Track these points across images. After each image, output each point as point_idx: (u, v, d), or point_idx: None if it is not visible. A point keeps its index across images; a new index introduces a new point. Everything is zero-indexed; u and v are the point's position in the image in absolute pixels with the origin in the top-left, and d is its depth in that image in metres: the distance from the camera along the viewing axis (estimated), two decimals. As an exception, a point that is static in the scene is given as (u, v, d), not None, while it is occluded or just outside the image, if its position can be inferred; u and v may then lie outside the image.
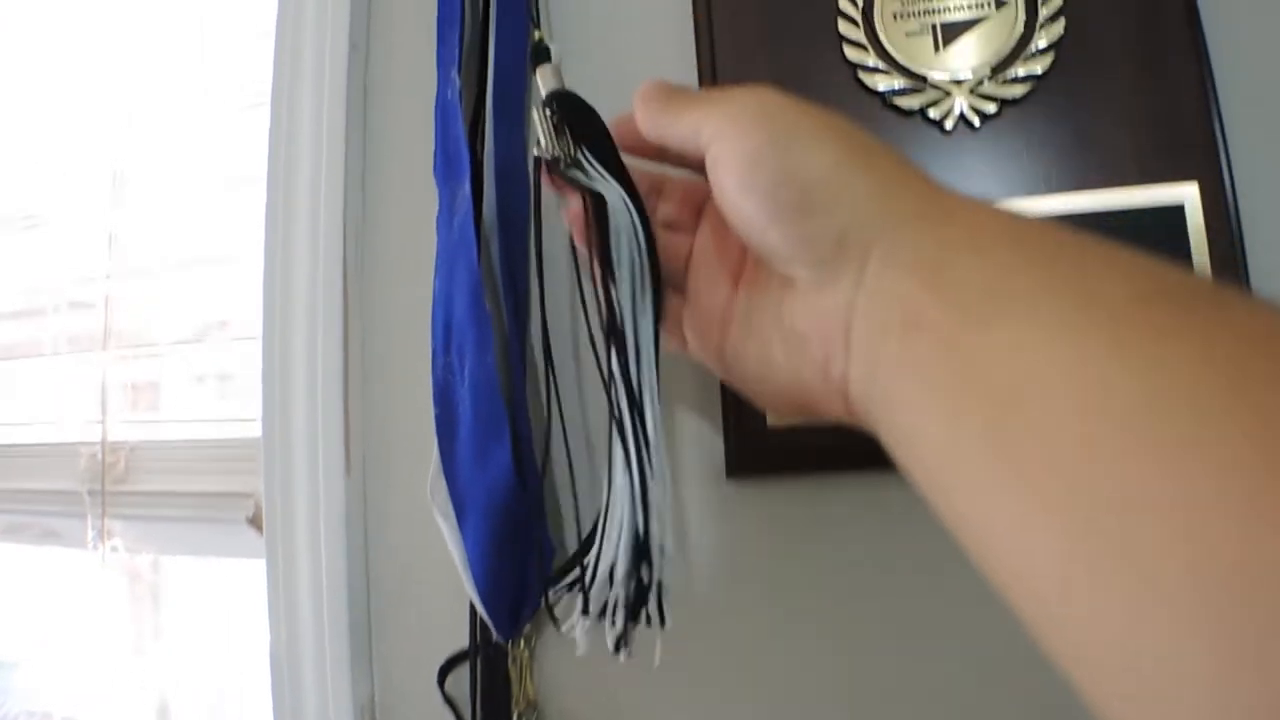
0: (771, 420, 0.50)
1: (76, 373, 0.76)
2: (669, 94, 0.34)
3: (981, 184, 0.50)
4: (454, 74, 0.54)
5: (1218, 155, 0.48)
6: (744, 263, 0.36)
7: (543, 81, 0.44)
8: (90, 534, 0.70)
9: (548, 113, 0.41)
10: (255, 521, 0.64)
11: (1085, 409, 0.19)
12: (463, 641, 0.57)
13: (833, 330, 0.27)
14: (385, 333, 0.60)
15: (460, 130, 0.53)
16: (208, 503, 0.66)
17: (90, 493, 0.70)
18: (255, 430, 0.68)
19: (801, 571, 0.52)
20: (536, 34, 0.54)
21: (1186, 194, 0.48)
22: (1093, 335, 0.20)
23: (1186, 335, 0.19)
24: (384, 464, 0.59)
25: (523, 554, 0.49)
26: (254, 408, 0.69)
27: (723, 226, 0.34)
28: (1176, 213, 0.48)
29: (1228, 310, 0.20)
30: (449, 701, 0.56)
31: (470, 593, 0.52)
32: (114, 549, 0.72)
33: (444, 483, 0.51)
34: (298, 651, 0.59)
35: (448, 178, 0.54)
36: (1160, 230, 0.48)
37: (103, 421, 0.72)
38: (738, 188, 0.29)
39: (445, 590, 0.57)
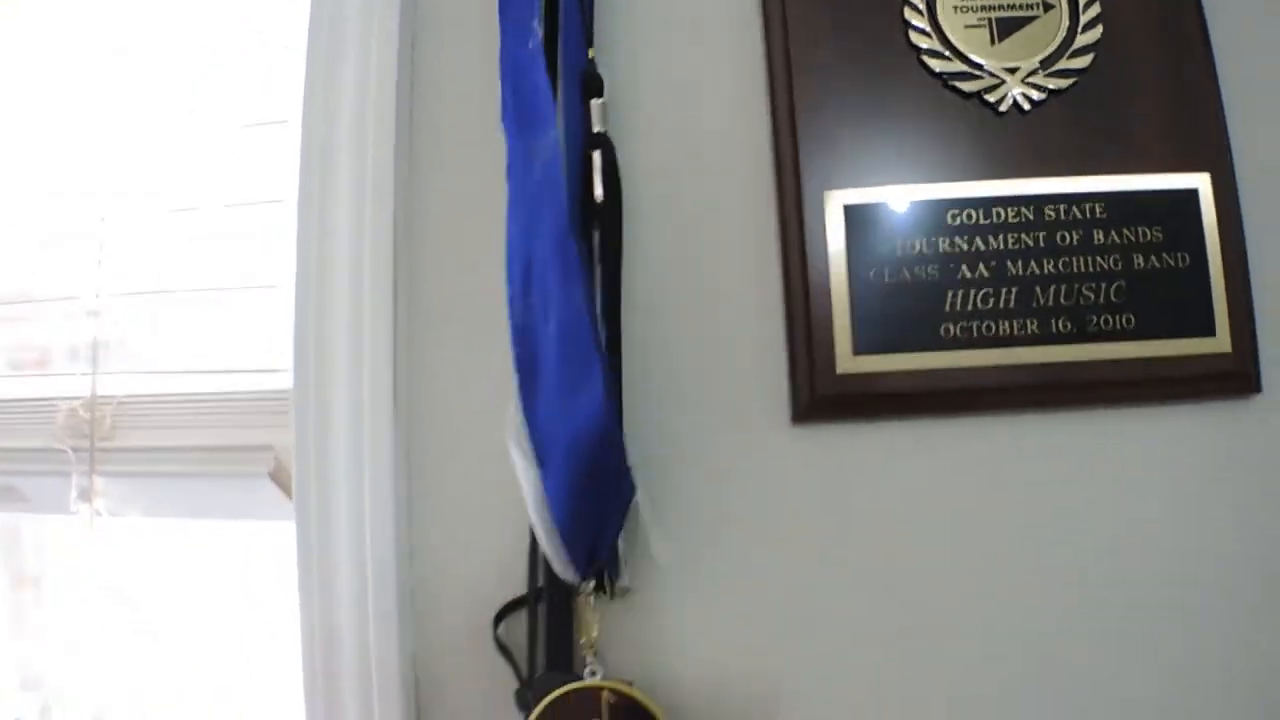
0: (842, 365, 0.53)
1: (63, 324, 0.70)
2: None
3: (1026, 161, 0.55)
4: (535, 25, 0.55)
5: (1227, 150, 0.55)
6: None
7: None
8: (74, 494, 0.65)
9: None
10: (278, 476, 0.61)
11: None
12: (509, 593, 0.56)
13: None
14: (437, 277, 0.59)
15: (545, 81, 0.54)
16: (216, 457, 0.63)
17: (75, 450, 0.65)
18: (263, 382, 0.65)
19: (868, 519, 0.55)
20: (590, 53, 0.56)
21: (1200, 182, 0.55)
22: None
23: None
24: (429, 413, 0.58)
25: (606, 492, 0.50)
26: (262, 358, 0.67)
27: None
28: (1191, 197, 0.55)
29: None
30: (503, 649, 0.55)
31: (542, 534, 0.52)
32: (98, 512, 0.67)
33: (524, 423, 0.51)
34: (332, 613, 0.57)
35: (524, 127, 0.55)
36: (1177, 212, 0.55)
37: (92, 374, 0.67)
38: None
39: (491, 541, 0.57)
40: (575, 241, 0.50)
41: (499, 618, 0.56)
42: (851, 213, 0.54)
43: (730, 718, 0.54)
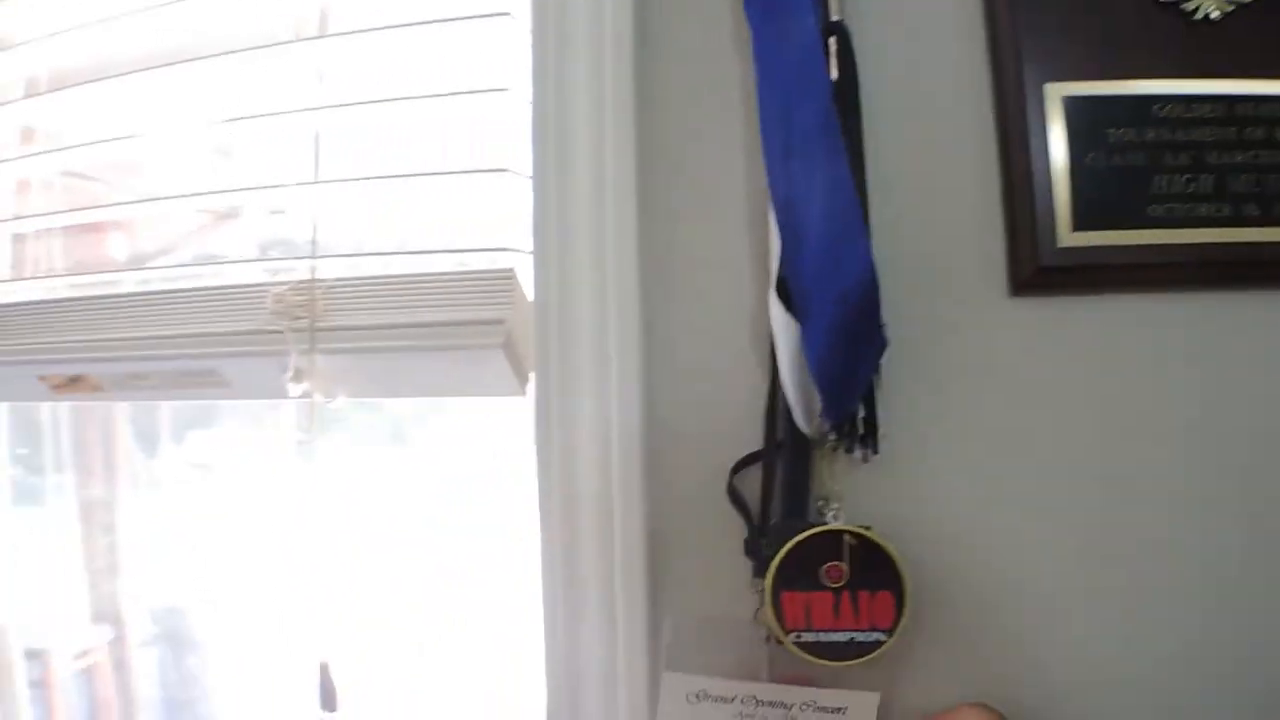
0: (1063, 239, 0.59)
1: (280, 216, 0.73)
2: None
3: (1219, 64, 0.61)
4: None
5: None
6: None
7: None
8: (289, 374, 0.68)
9: None
10: (509, 348, 0.64)
11: None
12: (741, 451, 0.60)
13: None
14: (676, 155, 0.63)
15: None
16: (443, 333, 0.66)
17: (294, 330, 0.68)
18: (490, 261, 0.69)
19: (1079, 384, 0.60)
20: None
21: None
22: None
23: None
24: (666, 285, 0.62)
25: (866, 341, 0.55)
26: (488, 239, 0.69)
27: None
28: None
29: None
30: (736, 500, 0.59)
31: (792, 387, 0.56)
32: (307, 394, 0.70)
33: (788, 282, 0.56)
34: (573, 480, 0.60)
35: (771, 13, 0.59)
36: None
37: (312, 256, 0.70)
38: None
39: (725, 403, 0.61)
40: (837, 119, 0.56)
41: (735, 470, 0.60)
42: (1069, 104, 0.60)
43: (961, 564, 0.59)
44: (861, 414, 0.58)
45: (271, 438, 1.07)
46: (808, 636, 0.55)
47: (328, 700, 0.73)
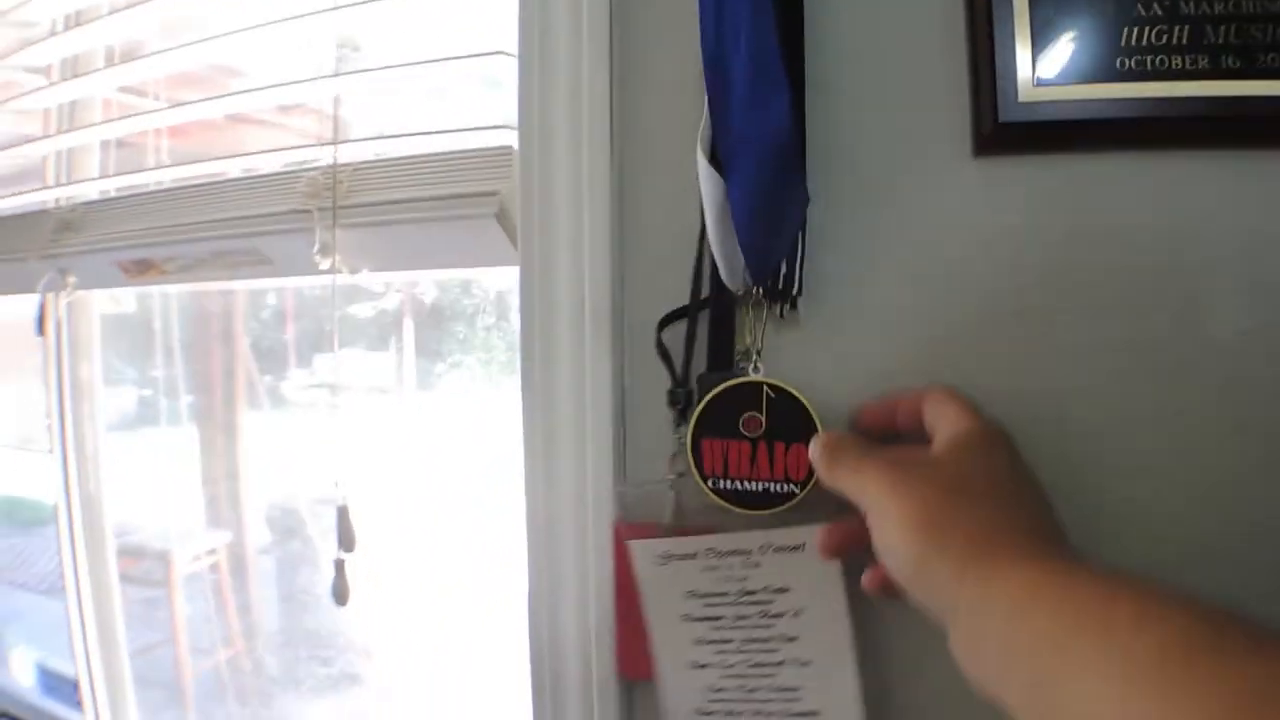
0: (1024, 94, 0.59)
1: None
2: (831, 457, 0.51)
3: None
4: None
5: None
6: None
7: None
8: (316, 248, 0.75)
9: None
10: (503, 220, 0.70)
11: None
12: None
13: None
14: (647, 36, 0.66)
15: None
16: (445, 205, 0.72)
17: (319, 209, 0.76)
18: (483, 139, 0.74)
19: (1039, 246, 0.59)
20: None
21: None
22: (1125, 686, 0.28)
23: (1207, 691, 0.26)
24: (639, 153, 0.66)
25: (786, 196, 0.57)
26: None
27: None
28: None
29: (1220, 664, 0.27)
30: (662, 352, 0.64)
31: (717, 241, 0.59)
32: (337, 268, 0.77)
33: (710, 135, 0.58)
34: (553, 311, 0.66)
35: None
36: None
37: (334, 142, 0.77)
38: (877, 551, 0.44)
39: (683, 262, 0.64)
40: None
41: (662, 324, 0.64)
42: (1032, -49, 0.59)
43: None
44: (783, 271, 0.60)
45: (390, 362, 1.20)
46: (724, 484, 0.58)
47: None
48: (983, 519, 0.40)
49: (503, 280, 1.06)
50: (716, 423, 0.58)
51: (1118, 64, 0.59)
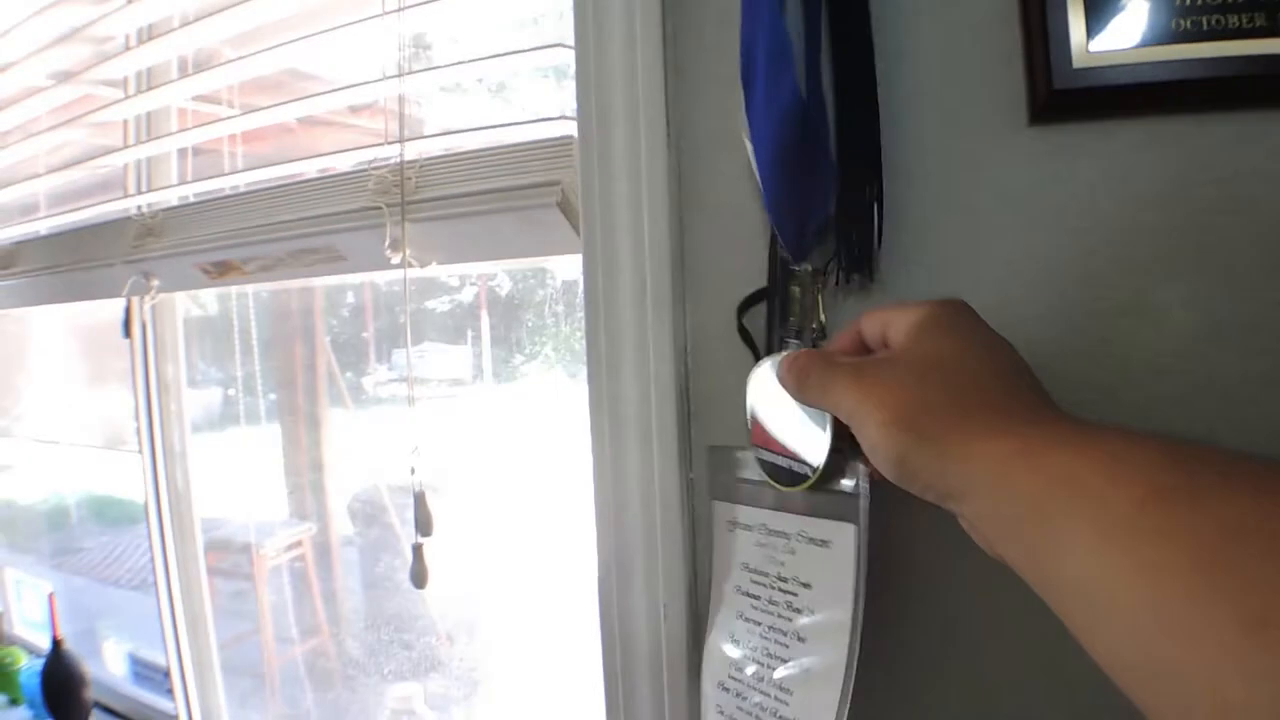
0: (1078, 59, 0.59)
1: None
2: (799, 377, 0.49)
3: None
4: None
5: None
6: None
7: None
8: (386, 243, 0.79)
9: None
10: (565, 208, 0.72)
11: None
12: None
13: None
14: (700, 32, 0.67)
15: None
16: (509, 197, 0.75)
17: (389, 205, 0.79)
18: (545, 131, 0.77)
19: (1098, 212, 0.58)
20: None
21: None
22: (1101, 541, 0.29)
23: (1180, 535, 0.26)
24: (697, 139, 0.68)
25: (806, 171, 0.58)
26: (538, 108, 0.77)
27: None
28: None
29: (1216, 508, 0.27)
30: (743, 334, 0.65)
31: (771, 221, 0.60)
32: (410, 262, 0.81)
33: (746, 120, 0.60)
34: (616, 294, 0.68)
35: None
36: None
37: (400, 140, 0.80)
38: (866, 451, 0.42)
39: (750, 241, 0.66)
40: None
41: (742, 308, 0.65)
42: (1091, -87, 0.59)
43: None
44: (852, 244, 0.60)
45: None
46: (765, 455, 0.57)
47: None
48: (952, 401, 0.39)
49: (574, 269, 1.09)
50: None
51: (1173, 25, 0.59)
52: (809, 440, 0.54)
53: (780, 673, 0.57)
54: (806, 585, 0.57)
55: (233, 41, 1.07)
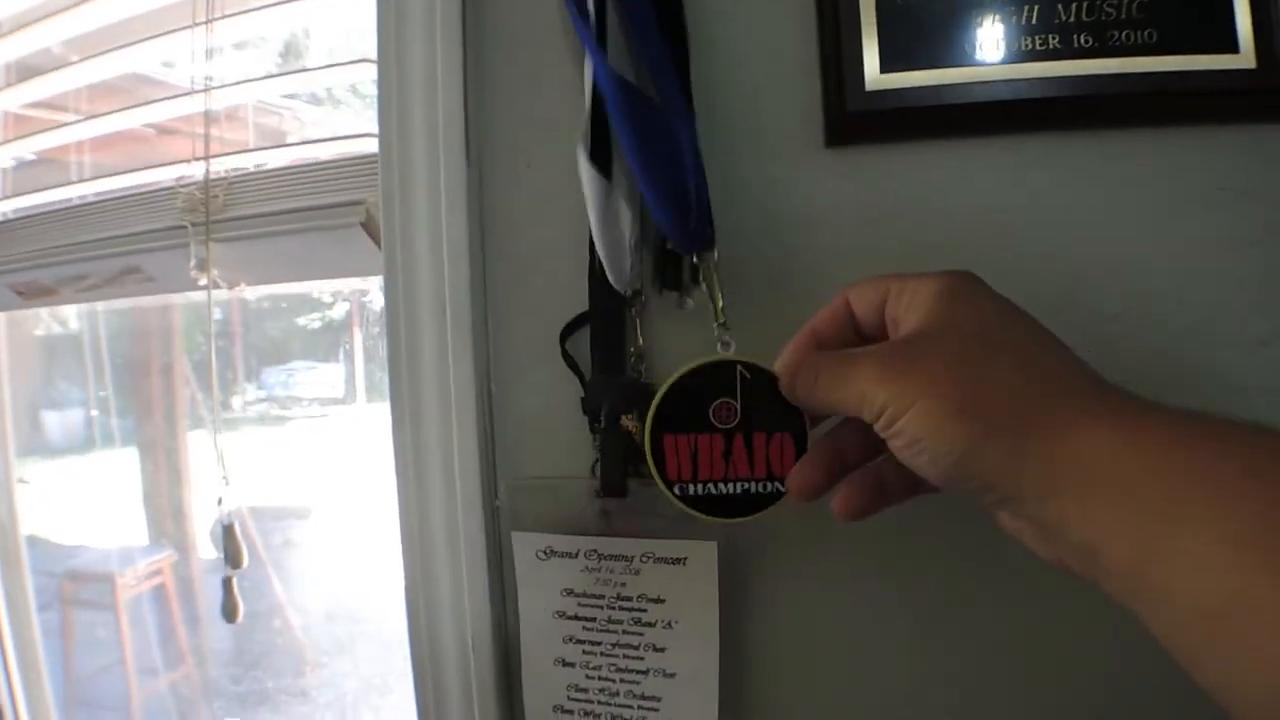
0: (871, 83, 0.58)
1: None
2: (810, 372, 0.41)
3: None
4: None
5: None
6: None
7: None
8: (192, 263, 0.74)
9: None
10: (369, 227, 0.68)
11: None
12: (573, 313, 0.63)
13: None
14: (504, 50, 0.65)
15: None
16: (315, 216, 0.71)
17: (194, 224, 0.74)
18: (351, 148, 0.73)
19: (896, 231, 0.58)
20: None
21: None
22: (1218, 552, 0.25)
23: None
24: (498, 157, 0.65)
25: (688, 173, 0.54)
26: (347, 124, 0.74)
27: None
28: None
29: None
30: (570, 362, 0.62)
31: (599, 245, 0.57)
32: (216, 283, 0.76)
33: (590, 134, 0.57)
34: (417, 315, 0.65)
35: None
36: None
37: (205, 157, 0.76)
38: (901, 448, 0.35)
39: (557, 269, 0.63)
40: None
41: (565, 334, 0.63)
42: (874, -64, 0.58)
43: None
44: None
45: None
46: (694, 489, 0.47)
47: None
48: (1016, 383, 0.33)
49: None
50: (680, 415, 0.47)
51: (966, 47, 0.58)
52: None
53: (641, 684, 0.60)
54: (658, 600, 0.59)
55: (70, 45, 1.01)
